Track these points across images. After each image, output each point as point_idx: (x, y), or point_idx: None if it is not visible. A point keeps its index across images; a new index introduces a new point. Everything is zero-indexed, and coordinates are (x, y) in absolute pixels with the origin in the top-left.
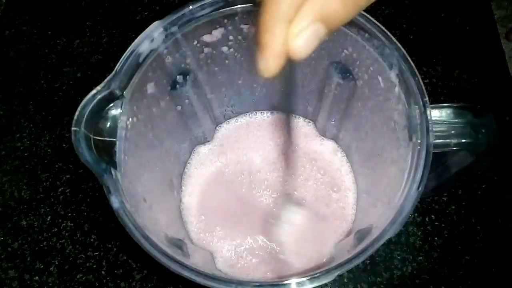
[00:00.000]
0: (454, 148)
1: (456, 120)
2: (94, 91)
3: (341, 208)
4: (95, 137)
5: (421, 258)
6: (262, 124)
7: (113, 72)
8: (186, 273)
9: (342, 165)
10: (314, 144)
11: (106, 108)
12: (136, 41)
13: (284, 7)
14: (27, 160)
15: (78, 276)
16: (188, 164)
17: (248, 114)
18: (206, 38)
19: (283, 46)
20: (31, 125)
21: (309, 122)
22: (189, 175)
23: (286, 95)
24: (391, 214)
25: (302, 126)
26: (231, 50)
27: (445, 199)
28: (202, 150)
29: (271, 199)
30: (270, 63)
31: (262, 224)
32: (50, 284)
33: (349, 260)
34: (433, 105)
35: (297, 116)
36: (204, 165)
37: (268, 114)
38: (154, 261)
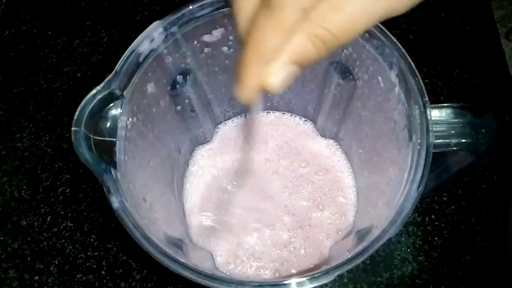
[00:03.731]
0: (454, 148)
1: (456, 120)
2: (94, 91)
3: (341, 208)
4: (95, 137)
5: (421, 258)
6: (262, 124)
7: (113, 72)
8: (186, 273)
9: (342, 165)
10: (314, 144)
11: (106, 108)
12: (136, 41)
13: (263, 50)
14: (27, 160)
15: (78, 276)
16: (188, 164)
17: (248, 114)
18: (206, 38)
19: (258, 83)
20: (31, 125)
21: (309, 122)
22: (189, 175)
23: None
24: (391, 214)
25: (302, 126)
26: (231, 50)
27: (445, 199)
28: (202, 150)
29: (271, 200)
30: (245, 94)
31: (262, 225)
32: (50, 284)
33: (349, 260)
34: (433, 105)
35: (297, 116)
36: (204, 165)
37: (268, 114)
38: (154, 261)
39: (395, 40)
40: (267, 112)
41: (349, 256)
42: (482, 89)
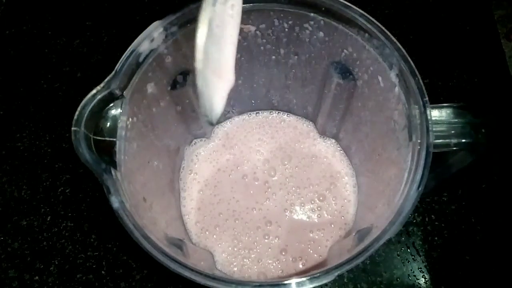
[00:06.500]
0: (454, 148)
1: (456, 120)
2: (94, 91)
3: (341, 208)
4: (95, 137)
5: (421, 258)
6: (262, 124)
7: (113, 72)
8: (186, 273)
9: (342, 165)
10: (314, 144)
11: (106, 108)
12: (136, 41)
13: None
14: (27, 160)
15: (78, 276)
16: (188, 164)
17: (248, 114)
18: None
19: None
20: (31, 125)
21: (309, 122)
22: (189, 175)
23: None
24: (391, 214)
25: (302, 126)
26: None
27: (445, 199)
28: (202, 150)
29: (271, 200)
30: None
31: (262, 224)
32: (50, 284)
33: (349, 260)
34: (433, 105)
35: (297, 116)
36: (204, 165)
37: (268, 114)
38: (154, 261)
39: (395, 40)
40: (267, 112)
41: (349, 256)
42: (482, 89)
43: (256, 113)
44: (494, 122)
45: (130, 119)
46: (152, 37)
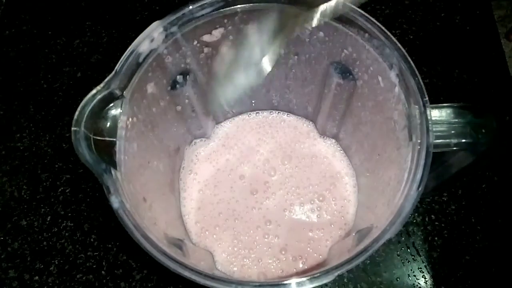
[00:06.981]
0: (454, 148)
1: (456, 120)
2: (94, 91)
3: (341, 208)
4: (95, 137)
5: (421, 258)
6: (262, 124)
7: (113, 72)
8: (186, 273)
9: (342, 165)
10: (313, 144)
11: (106, 108)
12: (136, 41)
13: None
14: (27, 160)
15: (78, 276)
16: (188, 164)
17: (248, 114)
18: (206, 38)
19: None
20: (31, 125)
21: (309, 122)
22: (189, 175)
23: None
24: (391, 214)
25: (302, 126)
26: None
27: (445, 199)
28: (202, 150)
29: (271, 199)
30: None
31: (261, 224)
32: (50, 284)
33: (349, 260)
34: (433, 105)
35: (297, 116)
36: (204, 165)
37: (268, 114)
38: (154, 261)
39: (395, 40)
40: (267, 112)
41: (349, 256)
42: (482, 89)
43: (256, 113)
44: (494, 122)
45: (130, 119)
46: (152, 37)
